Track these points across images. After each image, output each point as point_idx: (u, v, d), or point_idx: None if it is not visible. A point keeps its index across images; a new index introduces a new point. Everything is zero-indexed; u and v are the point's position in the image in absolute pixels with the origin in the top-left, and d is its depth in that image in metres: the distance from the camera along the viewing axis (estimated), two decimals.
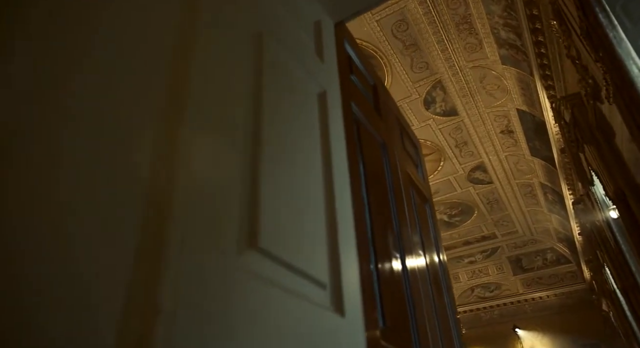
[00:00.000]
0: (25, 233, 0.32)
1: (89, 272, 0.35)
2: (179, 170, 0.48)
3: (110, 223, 0.39)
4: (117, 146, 0.42)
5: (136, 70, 0.49)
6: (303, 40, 1.02)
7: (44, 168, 0.35)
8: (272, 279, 0.60)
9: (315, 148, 0.90)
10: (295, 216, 0.72)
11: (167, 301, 0.40)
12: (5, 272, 0.29)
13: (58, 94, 0.39)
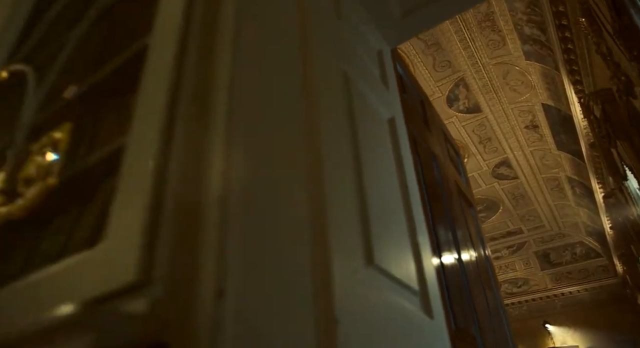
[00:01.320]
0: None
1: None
2: (330, 200, 0.61)
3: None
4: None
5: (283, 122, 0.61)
6: (372, 71, 1.13)
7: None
8: (385, 291, 0.72)
9: (392, 168, 1.01)
10: (389, 231, 0.84)
11: (340, 313, 0.52)
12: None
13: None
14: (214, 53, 0.57)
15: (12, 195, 0.67)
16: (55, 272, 0.48)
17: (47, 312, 0.42)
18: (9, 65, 1.05)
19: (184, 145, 0.48)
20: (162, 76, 0.55)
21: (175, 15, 0.62)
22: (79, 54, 0.86)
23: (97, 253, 0.44)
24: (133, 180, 0.47)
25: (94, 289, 0.41)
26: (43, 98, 0.81)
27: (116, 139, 0.66)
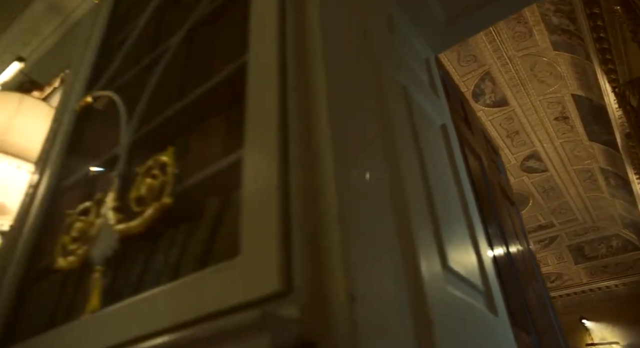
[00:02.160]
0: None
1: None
2: (411, 207, 0.67)
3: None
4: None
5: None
6: (422, 79, 1.19)
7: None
8: (458, 292, 0.77)
9: (449, 173, 1.06)
10: (454, 233, 0.89)
11: (433, 315, 0.58)
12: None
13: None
14: (308, 67, 0.64)
15: (126, 213, 0.76)
16: (191, 282, 0.56)
17: (201, 315, 0.49)
18: (92, 92, 1.16)
19: (298, 159, 0.55)
20: (269, 92, 0.62)
21: (271, 34, 0.69)
22: (166, 78, 0.94)
23: (235, 265, 0.51)
24: (258, 196, 0.54)
25: (237, 297, 0.49)
26: (137, 122, 0.90)
27: (218, 157, 0.74)
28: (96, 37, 1.34)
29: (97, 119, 1.17)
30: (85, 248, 0.79)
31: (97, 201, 0.86)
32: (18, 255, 0.97)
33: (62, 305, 0.83)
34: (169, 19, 1.18)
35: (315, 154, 0.56)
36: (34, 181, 1.09)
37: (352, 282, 0.46)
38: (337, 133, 0.58)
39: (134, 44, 1.26)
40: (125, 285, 0.72)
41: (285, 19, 0.71)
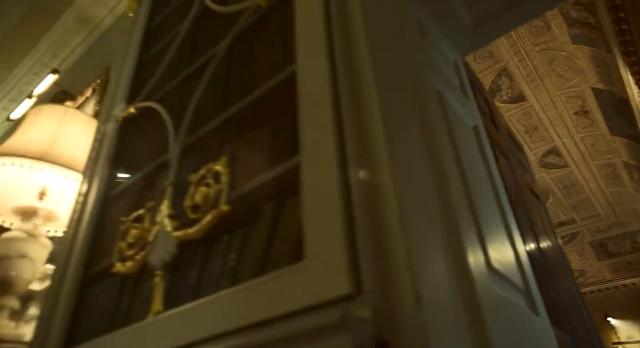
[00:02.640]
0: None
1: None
2: (456, 207, 0.69)
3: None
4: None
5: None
6: (453, 81, 1.20)
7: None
8: (503, 292, 0.79)
9: (484, 173, 1.08)
10: (494, 233, 0.91)
11: (485, 313, 0.60)
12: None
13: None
14: (357, 74, 0.67)
15: (181, 220, 0.80)
16: (257, 285, 0.59)
17: (270, 316, 0.53)
18: (136, 103, 1.21)
19: (356, 164, 0.58)
20: (323, 99, 0.65)
21: (320, 43, 0.72)
22: (209, 88, 0.98)
23: (302, 269, 0.55)
24: (320, 201, 0.57)
25: (306, 299, 0.52)
26: (185, 132, 0.94)
27: (265, 164, 0.77)
28: (134, 49, 1.40)
29: (138, 129, 1.23)
30: (143, 253, 0.83)
31: (150, 209, 0.91)
32: (74, 260, 1.02)
33: (121, 307, 0.88)
34: (205, 30, 1.22)
35: (371, 158, 0.59)
36: (84, 190, 1.15)
37: (417, 283, 0.49)
38: (390, 137, 0.61)
39: (171, 55, 1.31)
40: (184, 288, 0.76)
41: (332, 29, 0.74)
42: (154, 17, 1.49)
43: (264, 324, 0.54)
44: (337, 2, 0.78)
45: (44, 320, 0.97)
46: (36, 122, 1.36)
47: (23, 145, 1.26)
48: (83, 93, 2.39)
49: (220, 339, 0.59)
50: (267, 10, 0.96)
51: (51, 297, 1.00)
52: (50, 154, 1.26)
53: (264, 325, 0.54)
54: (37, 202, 1.33)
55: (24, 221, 1.29)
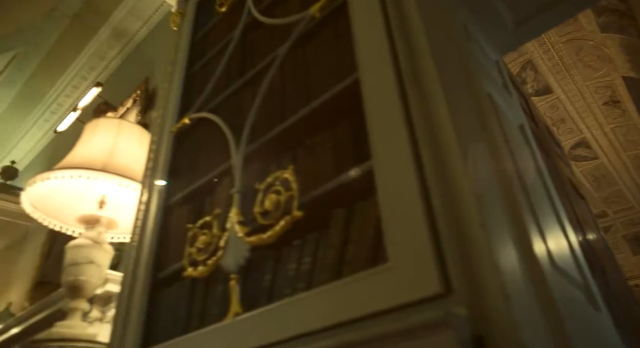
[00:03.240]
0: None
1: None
2: (520, 209, 0.71)
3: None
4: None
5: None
6: (497, 81, 1.22)
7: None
8: (568, 290, 0.81)
9: (535, 172, 1.09)
10: (553, 230, 0.93)
11: (561, 310, 0.62)
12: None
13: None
14: (420, 77, 0.70)
15: (251, 226, 0.84)
16: (341, 286, 0.63)
17: (359, 315, 0.56)
18: (190, 115, 1.26)
19: (431, 165, 0.61)
20: (392, 104, 0.69)
21: (383, 49, 0.75)
22: (266, 97, 1.03)
23: (387, 271, 0.58)
24: (400, 204, 0.60)
25: (394, 298, 0.55)
26: (246, 141, 0.99)
27: (329, 170, 0.81)
28: (181, 63, 1.46)
29: (192, 139, 1.28)
30: (215, 258, 0.88)
31: (217, 216, 0.96)
32: (143, 265, 1.09)
33: (194, 309, 0.93)
34: (253, 42, 1.27)
35: (445, 161, 0.62)
36: (144, 198, 1.21)
37: (504, 281, 0.51)
38: (461, 139, 0.63)
39: (216, 66, 1.37)
40: (259, 291, 0.81)
41: (393, 36, 0.77)
42: (197, 30, 1.55)
43: (350, 323, 0.58)
44: (395, 9, 0.81)
45: (120, 322, 1.03)
46: (94, 136, 1.44)
47: (86, 158, 1.33)
48: (124, 104, 2.49)
49: (306, 338, 0.63)
50: (320, 21, 0.99)
51: (124, 300, 1.06)
52: (110, 164, 1.33)
53: (350, 324, 0.58)
54: (97, 211, 1.40)
55: (87, 229, 1.37)
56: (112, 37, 3.02)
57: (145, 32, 2.90)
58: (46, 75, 3.42)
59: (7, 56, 3.27)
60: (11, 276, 2.90)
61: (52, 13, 2.93)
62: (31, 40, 3.13)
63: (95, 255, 1.31)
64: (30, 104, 3.70)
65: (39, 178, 1.27)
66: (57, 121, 3.70)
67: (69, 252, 1.31)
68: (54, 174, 1.26)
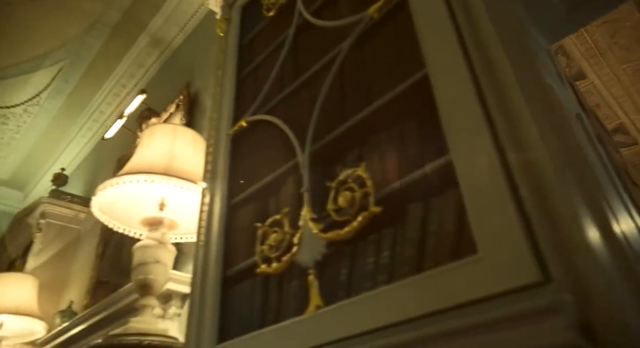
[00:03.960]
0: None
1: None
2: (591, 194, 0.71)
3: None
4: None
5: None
6: (552, 71, 1.20)
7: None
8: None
9: (597, 161, 1.08)
10: (623, 218, 0.92)
11: None
12: None
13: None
14: (492, 68, 0.72)
15: (327, 223, 0.87)
16: (431, 277, 0.65)
17: (453, 304, 0.59)
18: (246, 117, 1.31)
19: (514, 154, 0.63)
20: (466, 97, 0.70)
21: (452, 45, 0.77)
22: (327, 97, 1.06)
23: (478, 261, 0.60)
24: (487, 196, 0.62)
25: (489, 287, 0.57)
26: (310, 140, 1.02)
27: (399, 165, 0.83)
28: (231, 67, 1.50)
29: (248, 141, 1.33)
30: (289, 255, 0.92)
31: (286, 214, 0.99)
32: (212, 263, 1.14)
33: (269, 304, 0.97)
34: (303, 44, 1.30)
35: (528, 152, 0.63)
36: (207, 200, 1.27)
37: (603, 267, 0.52)
38: (541, 130, 0.64)
39: (266, 70, 1.41)
40: (336, 284, 0.84)
41: (461, 31, 0.79)
42: (243, 35, 1.60)
43: (437, 314, 0.60)
44: (458, 3, 0.82)
45: (194, 319, 1.09)
46: (152, 141, 1.50)
47: (148, 162, 1.40)
48: (166, 109, 2.57)
49: (392, 329, 0.66)
50: (379, 21, 1.01)
51: (196, 298, 1.12)
52: (170, 168, 1.40)
53: (438, 315, 0.60)
54: (158, 213, 1.47)
55: (151, 230, 1.44)
56: (150, 45, 3.12)
57: (181, 38, 2.98)
58: (89, 85, 3.57)
59: (54, 69, 3.44)
60: (68, 277, 3.06)
61: (94, 25, 3.06)
62: (75, 52, 3.27)
63: (161, 254, 1.38)
64: (75, 113, 3.87)
65: (108, 184, 1.35)
66: (100, 128, 3.86)
67: (137, 252, 1.39)
68: (122, 179, 1.33)
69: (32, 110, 3.88)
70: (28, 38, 3.11)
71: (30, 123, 4.03)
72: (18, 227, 3.53)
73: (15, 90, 3.66)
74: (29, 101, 3.75)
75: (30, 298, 2.55)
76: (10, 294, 2.44)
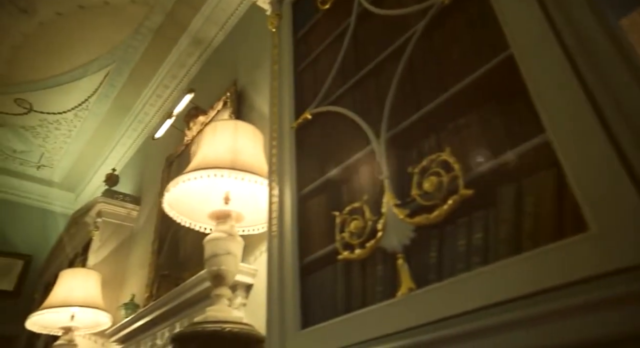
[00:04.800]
0: None
1: None
2: None
3: None
4: None
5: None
6: None
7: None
8: None
9: None
10: None
11: None
12: None
13: None
14: (587, 44, 0.71)
15: (412, 207, 0.89)
16: (531, 257, 0.66)
17: (557, 284, 0.59)
18: (311, 110, 1.33)
19: (619, 125, 0.62)
20: (563, 75, 0.70)
21: (541, 22, 0.77)
22: (398, 86, 1.07)
23: (590, 239, 0.60)
24: (594, 173, 0.62)
25: (603, 265, 0.57)
26: (385, 129, 1.04)
27: (482, 148, 0.83)
28: (288, 61, 1.53)
29: (312, 133, 1.36)
30: (374, 241, 0.94)
31: (366, 201, 1.02)
32: (288, 253, 1.18)
33: (353, 289, 1.00)
34: (364, 34, 1.31)
35: (635, 125, 0.62)
36: (276, 192, 1.31)
37: None
38: None
39: (325, 62, 1.43)
40: (426, 267, 0.86)
41: (546, 5, 0.78)
42: (296, 29, 1.62)
43: (547, 292, 0.61)
44: None
45: (275, 306, 1.13)
46: (215, 137, 1.56)
47: (214, 158, 1.46)
48: (213, 106, 2.64)
49: (496, 308, 0.67)
50: (450, 6, 1.01)
51: (275, 286, 1.16)
52: (236, 162, 1.45)
53: (547, 293, 0.61)
54: (224, 206, 1.53)
55: (219, 224, 1.50)
56: (191, 45, 3.20)
57: (222, 36, 3.04)
58: (133, 87, 3.70)
59: (101, 74, 3.59)
60: (125, 272, 3.22)
61: (138, 29, 3.17)
62: (121, 57, 3.40)
63: (231, 246, 1.43)
64: (120, 115, 4.03)
65: (180, 180, 1.41)
66: (144, 129, 4.01)
67: (208, 245, 1.45)
68: (192, 174, 1.39)
69: (81, 115, 4.07)
70: (78, 46, 3.26)
71: (80, 127, 4.23)
72: (75, 227, 3.72)
73: (66, 97, 3.84)
74: (79, 106, 3.94)
75: (96, 292, 2.70)
76: (79, 288, 2.60)
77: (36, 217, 5.29)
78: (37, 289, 4.45)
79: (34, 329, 2.68)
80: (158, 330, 2.21)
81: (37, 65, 3.42)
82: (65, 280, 2.67)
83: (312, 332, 1.02)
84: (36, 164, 4.85)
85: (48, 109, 4.00)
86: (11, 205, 5.16)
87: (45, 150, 4.64)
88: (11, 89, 3.63)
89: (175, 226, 2.68)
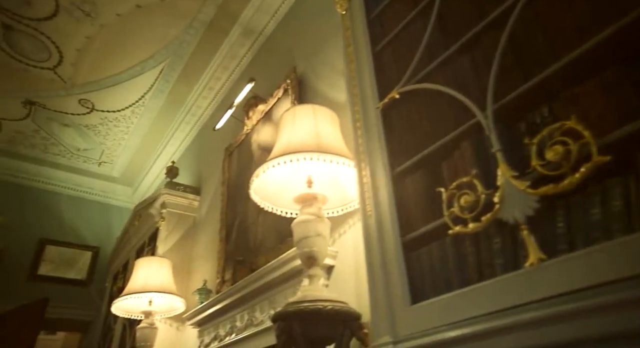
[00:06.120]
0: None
1: None
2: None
3: None
4: None
5: None
6: None
7: None
8: None
9: None
10: None
11: None
12: None
13: None
14: None
15: (532, 178, 0.88)
16: None
17: None
18: (399, 88, 1.33)
19: None
20: None
21: None
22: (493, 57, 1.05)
23: None
24: None
25: None
26: (491, 101, 1.03)
27: (606, 117, 0.81)
28: (363, 43, 1.53)
29: (400, 112, 1.36)
30: (490, 214, 0.94)
31: (475, 175, 1.01)
32: (388, 231, 1.20)
33: (468, 263, 1.01)
34: (447, 8, 1.29)
35: None
36: (368, 172, 1.32)
37: None
38: None
39: (404, 40, 1.42)
40: (554, 238, 0.85)
41: None
42: (369, 10, 1.61)
43: None
44: None
45: (379, 284, 1.16)
46: (295, 122, 1.59)
47: (299, 142, 1.49)
48: (273, 95, 2.68)
49: None
50: None
51: (377, 265, 1.19)
52: (320, 145, 1.47)
53: None
54: (307, 189, 1.56)
55: (304, 207, 1.53)
56: (242, 36, 3.25)
57: (273, 25, 3.06)
58: (186, 81, 3.81)
59: (156, 70, 3.71)
60: (192, 259, 3.37)
61: (191, 23, 3.24)
62: (175, 52, 3.50)
63: (320, 227, 1.47)
64: (174, 109, 4.16)
65: (269, 165, 1.45)
66: (197, 121, 4.13)
67: (297, 228, 1.49)
68: (281, 159, 1.43)
69: (138, 111, 4.24)
70: (136, 44, 3.38)
71: (137, 123, 4.41)
72: (139, 219, 3.91)
73: (125, 94, 4.01)
74: (135, 103, 4.10)
75: (169, 278, 2.85)
76: (155, 275, 2.75)
77: (99, 211, 5.61)
78: (107, 278, 4.73)
79: (117, 313, 2.87)
80: (237, 313, 2.30)
81: (98, 65, 3.59)
82: (142, 267, 2.83)
83: (424, 307, 1.04)
84: (97, 160, 5.12)
85: (108, 107, 4.19)
86: (78, 201, 5.50)
87: (106, 147, 4.88)
88: (76, 90, 3.83)
89: (241, 215, 2.77)
